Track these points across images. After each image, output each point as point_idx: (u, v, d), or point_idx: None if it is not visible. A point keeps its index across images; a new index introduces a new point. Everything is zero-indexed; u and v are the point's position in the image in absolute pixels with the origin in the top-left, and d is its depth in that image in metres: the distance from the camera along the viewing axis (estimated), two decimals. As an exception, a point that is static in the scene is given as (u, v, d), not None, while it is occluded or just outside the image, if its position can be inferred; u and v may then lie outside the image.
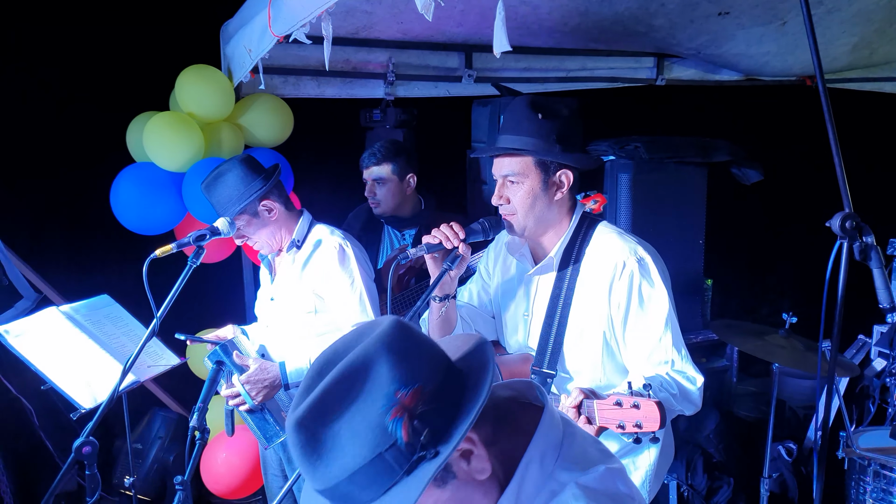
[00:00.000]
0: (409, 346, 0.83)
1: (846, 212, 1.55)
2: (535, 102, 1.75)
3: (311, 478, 0.82)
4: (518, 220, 1.77)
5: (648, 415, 1.41)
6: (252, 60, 2.50)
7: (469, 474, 0.85)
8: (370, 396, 0.79)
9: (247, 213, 2.25)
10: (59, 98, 3.25)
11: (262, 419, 2.26)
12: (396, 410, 0.78)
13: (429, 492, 0.82)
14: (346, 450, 0.79)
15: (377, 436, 0.78)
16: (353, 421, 0.79)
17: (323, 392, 0.80)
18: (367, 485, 0.80)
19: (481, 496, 0.87)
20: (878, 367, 3.21)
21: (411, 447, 0.79)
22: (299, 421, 0.80)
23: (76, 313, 2.42)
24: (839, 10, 2.84)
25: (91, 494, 2.11)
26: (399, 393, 0.78)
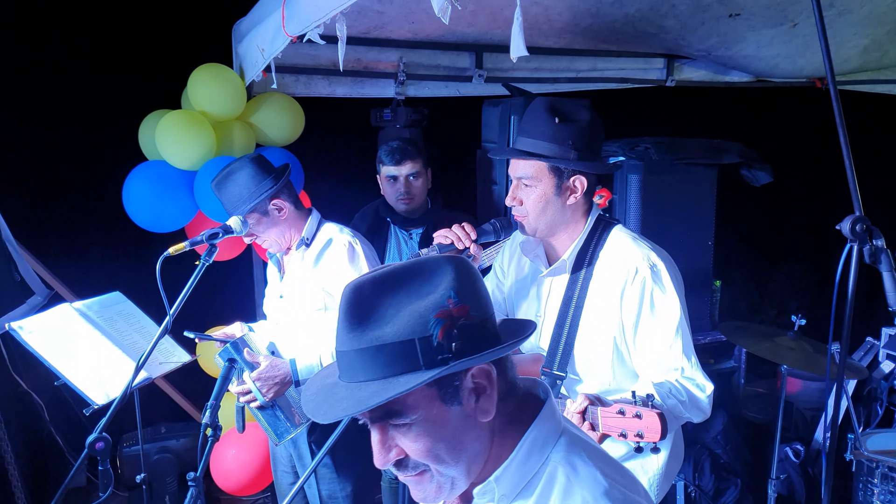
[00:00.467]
0: (472, 278, 0.92)
1: (857, 215, 1.56)
2: (552, 106, 1.73)
3: (343, 337, 0.89)
4: (529, 222, 1.78)
5: (650, 425, 1.43)
6: (265, 60, 2.51)
7: (473, 411, 0.91)
8: (426, 291, 0.88)
9: (257, 212, 2.27)
10: (71, 95, 3.26)
11: (272, 416, 2.28)
12: (442, 312, 0.86)
13: (434, 401, 0.89)
14: (387, 323, 0.86)
15: (418, 324, 0.86)
16: (404, 303, 0.88)
17: (388, 271, 0.90)
18: (388, 362, 0.86)
19: (472, 437, 0.92)
20: (886, 370, 3.21)
21: (440, 347, 0.86)
22: (359, 285, 0.90)
23: (88, 310, 2.43)
24: (850, 12, 2.84)
25: (104, 490, 2.13)
26: (450, 300, 0.87)
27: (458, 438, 0.91)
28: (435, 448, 0.90)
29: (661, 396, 1.59)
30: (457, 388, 0.89)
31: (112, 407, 2.02)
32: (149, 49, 3.27)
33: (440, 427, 0.90)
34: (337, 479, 2.39)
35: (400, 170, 2.77)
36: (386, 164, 2.79)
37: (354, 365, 0.89)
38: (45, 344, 2.25)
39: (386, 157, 2.79)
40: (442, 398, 0.89)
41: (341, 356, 0.91)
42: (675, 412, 1.61)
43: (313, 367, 2.23)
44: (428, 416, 0.89)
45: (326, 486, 2.39)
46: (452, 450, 0.91)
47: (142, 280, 2.47)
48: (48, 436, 3.21)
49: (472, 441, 0.92)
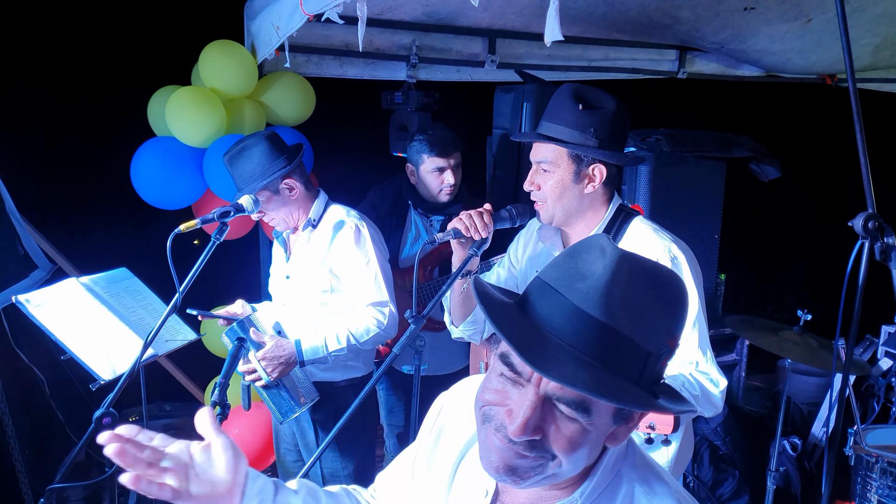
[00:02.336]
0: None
1: (869, 212, 1.56)
2: (577, 93, 1.70)
3: (593, 300, 0.78)
4: (547, 208, 1.76)
5: (663, 417, 1.44)
6: (280, 38, 2.49)
7: (611, 433, 0.87)
8: (678, 315, 0.83)
9: (268, 190, 2.26)
10: (81, 69, 3.22)
11: (277, 395, 2.29)
12: (672, 342, 0.82)
13: (609, 416, 0.84)
14: (644, 318, 0.79)
15: (658, 340, 0.80)
16: (663, 311, 0.82)
17: (664, 272, 0.84)
18: (618, 356, 0.78)
19: (592, 456, 0.87)
20: (885, 367, 3.25)
21: (651, 374, 0.81)
22: (651, 263, 0.84)
23: (95, 285, 2.42)
24: (864, 9, 2.84)
25: (110, 465, 2.13)
26: (677, 337, 0.82)
27: (591, 451, 0.86)
28: (580, 451, 0.83)
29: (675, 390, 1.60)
30: (630, 415, 0.85)
31: (120, 383, 2.02)
32: (160, 24, 3.22)
33: (597, 437, 0.85)
34: (340, 458, 2.40)
35: (449, 161, 2.67)
36: (433, 156, 2.65)
37: (572, 325, 0.78)
38: (51, 318, 2.23)
39: (434, 147, 2.65)
40: (615, 418, 0.84)
41: (566, 315, 0.79)
42: None
43: (318, 348, 2.24)
44: (598, 424, 0.83)
45: (329, 465, 2.41)
46: (584, 457, 0.85)
47: (146, 257, 2.46)
48: (48, 411, 3.20)
49: (592, 457, 0.88)
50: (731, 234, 3.22)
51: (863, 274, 1.54)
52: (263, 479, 0.99)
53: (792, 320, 2.53)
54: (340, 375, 2.42)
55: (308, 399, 2.31)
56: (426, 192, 2.78)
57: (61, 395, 3.22)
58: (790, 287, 4.27)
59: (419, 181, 2.77)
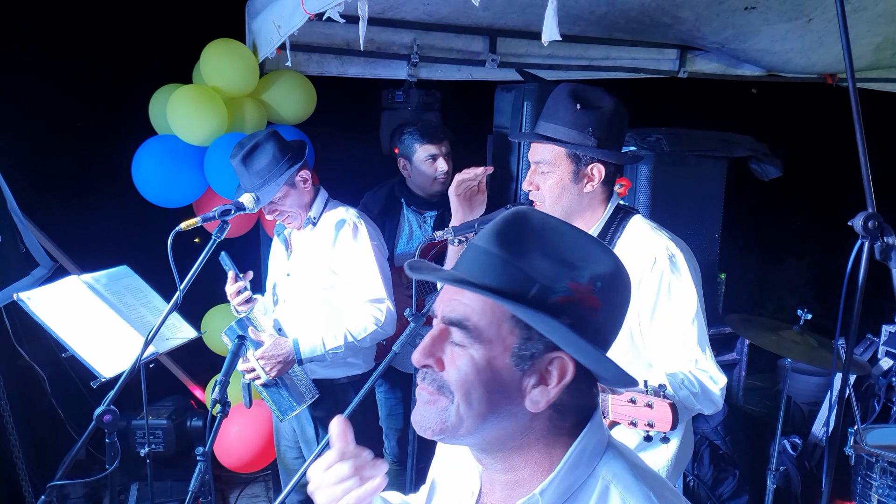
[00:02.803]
0: (624, 293, 0.94)
1: (869, 211, 1.57)
2: (574, 92, 1.71)
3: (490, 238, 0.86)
4: (545, 208, 1.76)
5: (661, 415, 1.42)
6: (281, 37, 2.49)
7: (526, 390, 0.86)
8: (581, 260, 0.85)
9: (287, 185, 2.28)
10: (82, 68, 3.23)
11: (276, 393, 2.30)
12: (576, 286, 0.84)
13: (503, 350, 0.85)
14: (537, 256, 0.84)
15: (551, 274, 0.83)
16: (557, 255, 0.85)
17: (569, 226, 0.89)
18: (503, 274, 0.83)
19: (510, 410, 0.86)
20: (885, 367, 3.25)
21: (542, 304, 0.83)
22: (528, 215, 0.88)
23: (96, 283, 2.42)
24: (865, 9, 2.84)
25: (111, 462, 2.14)
26: (592, 285, 0.85)
27: (496, 396, 0.84)
28: (468, 384, 0.84)
29: (674, 387, 1.59)
30: (530, 357, 0.84)
31: (121, 380, 2.02)
32: (162, 23, 3.23)
33: (489, 372, 0.84)
34: None
35: (440, 148, 2.76)
36: (424, 143, 2.75)
37: (468, 257, 0.87)
38: (52, 315, 2.24)
39: (424, 135, 2.75)
40: (512, 352, 0.84)
41: (472, 249, 0.87)
42: (686, 403, 1.60)
43: (316, 346, 2.25)
44: (486, 354, 0.84)
45: (329, 462, 2.41)
46: (482, 399, 0.84)
47: (147, 255, 2.46)
48: (49, 408, 3.21)
49: (507, 413, 0.86)
50: (731, 234, 3.22)
51: (863, 273, 1.54)
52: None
53: (792, 319, 2.53)
54: (341, 373, 2.43)
55: (307, 397, 2.31)
56: (421, 184, 2.82)
57: (62, 392, 3.23)
58: (791, 286, 4.27)
59: (413, 173, 2.82)
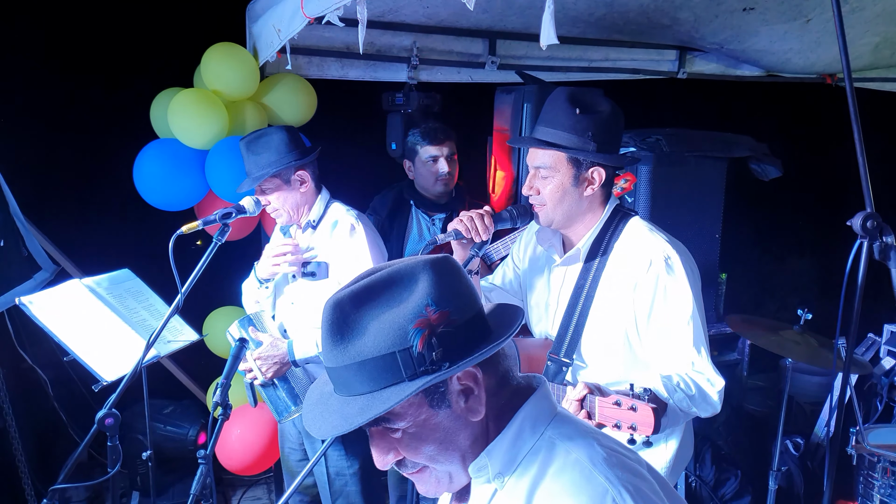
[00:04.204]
0: (452, 279, 0.91)
1: (868, 211, 1.57)
2: (573, 96, 1.72)
3: (328, 354, 0.90)
4: (546, 212, 1.77)
5: (644, 419, 1.44)
6: (281, 40, 2.50)
7: (463, 411, 0.92)
8: (404, 301, 0.87)
9: (279, 178, 2.29)
10: (84, 72, 3.24)
11: (273, 394, 2.32)
12: (421, 322, 0.86)
13: (422, 407, 0.90)
14: (368, 338, 0.87)
15: (397, 336, 0.86)
16: (383, 315, 0.87)
17: (366, 284, 0.89)
18: (372, 377, 0.87)
19: (464, 435, 0.93)
20: (887, 366, 3.24)
21: (422, 358, 0.85)
22: (337, 301, 0.89)
23: (98, 286, 2.43)
24: (863, 9, 2.84)
25: (112, 465, 2.14)
26: (429, 308, 0.86)
27: (449, 439, 0.93)
28: (427, 450, 0.92)
29: (668, 390, 1.59)
30: (443, 393, 0.90)
31: (122, 383, 2.03)
32: (162, 27, 3.24)
33: (431, 430, 0.91)
34: (345, 457, 2.41)
35: (442, 150, 2.78)
36: (425, 145, 2.78)
37: (342, 379, 0.90)
38: (54, 319, 2.25)
39: (426, 137, 2.79)
40: (430, 404, 0.90)
41: (329, 371, 0.92)
42: (681, 406, 1.60)
43: (309, 349, 2.26)
44: (417, 421, 0.90)
45: (334, 464, 2.42)
46: (445, 449, 0.93)
47: (149, 258, 2.47)
48: (52, 412, 3.21)
49: (464, 438, 0.94)
50: (732, 234, 3.22)
51: (862, 273, 1.54)
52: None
53: (793, 319, 2.53)
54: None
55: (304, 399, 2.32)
56: (424, 185, 2.85)
57: (64, 395, 3.24)
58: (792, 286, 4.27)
59: (416, 174, 2.86)
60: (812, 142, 4.12)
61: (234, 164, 2.72)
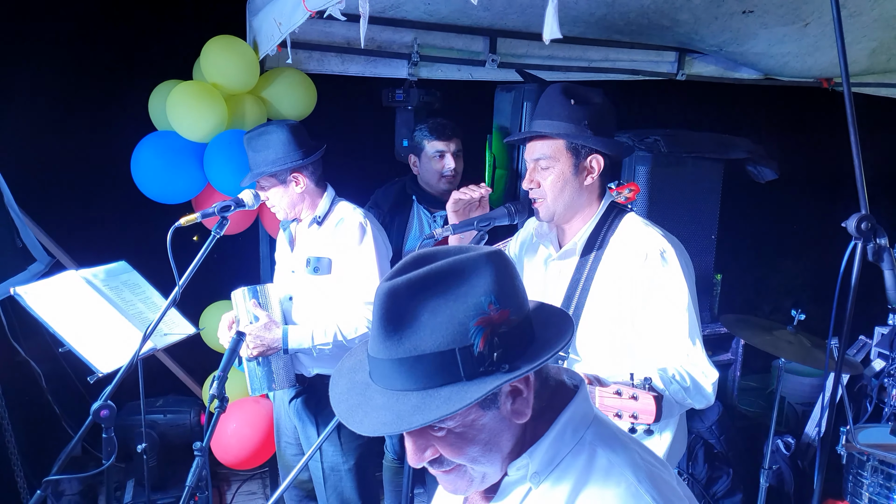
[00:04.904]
0: (511, 275, 0.87)
1: (862, 213, 1.59)
2: (567, 89, 1.77)
3: (379, 345, 0.84)
4: (547, 204, 1.79)
5: (645, 407, 1.45)
6: (282, 34, 2.49)
7: (509, 413, 0.89)
8: (465, 295, 0.82)
9: (275, 178, 2.30)
10: (83, 61, 3.22)
11: (253, 369, 2.34)
12: (483, 319, 0.81)
13: (471, 408, 0.85)
14: (426, 332, 0.81)
15: (457, 332, 0.81)
16: (441, 309, 0.82)
17: (424, 273, 0.83)
18: (427, 373, 0.82)
19: (507, 437, 0.91)
20: (877, 368, 3.28)
21: (482, 357, 0.81)
22: (393, 288, 0.83)
23: (94, 278, 2.42)
24: (861, 14, 2.87)
25: (107, 457, 2.13)
26: (491, 305, 0.81)
27: (493, 440, 0.90)
28: (470, 451, 0.89)
29: (664, 382, 1.61)
30: (495, 395, 0.87)
31: (118, 376, 2.02)
32: (162, 19, 3.23)
33: (476, 431, 0.88)
34: (341, 453, 2.41)
35: (449, 145, 2.78)
36: (433, 140, 2.78)
37: (391, 372, 0.84)
38: (49, 310, 2.24)
39: (433, 132, 2.78)
40: (480, 405, 0.87)
41: (375, 362, 0.86)
42: (676, 398, 1.62)
43: (304, 339, 2.27)
44: (465, 422, 0.87)
45: (329, 459, 2.42)
46: (488, 451, 0.90)
47: (146, 251, 2.46)
48: (46, 405, 3.20)
49: (507, 440, 0.91)
50: (727, 235, 3.25)
51: (855, 274, 1.56)
52: None
53: (787, 320, 2.56)
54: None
55: (280, 386, 2.35)
56: (428, 180, 2.84)
57: (58, 388, 3.22)
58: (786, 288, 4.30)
59: (421, 169, 2.86)
60: (808, 145, 4.16)
61: (232, 157, 2.71)
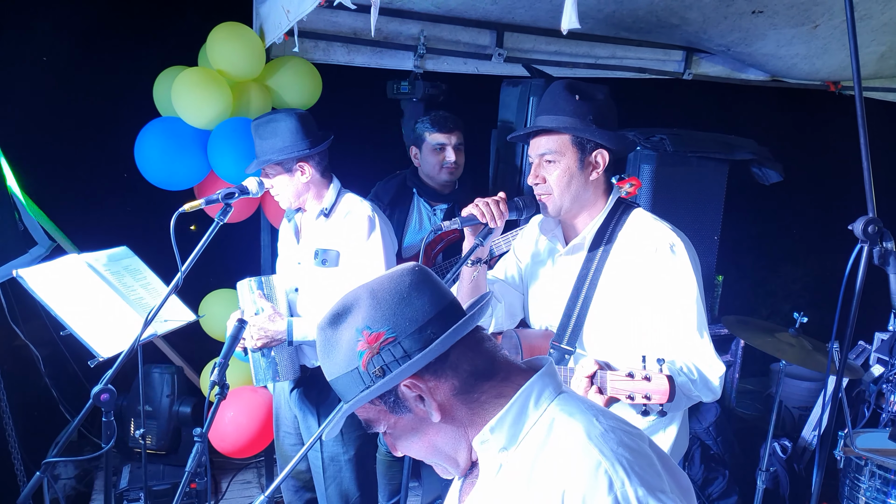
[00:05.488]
0: (393, 299, 1.01)
1: (870, 216, 1.58)
2: (571, 85, 1.77)
3: (325, 370, 1.05)
4: (554, 199, 1.78)
5: (658, 388, 1.46)
6: (290, 22, 2.48)
7: (423, 413, 1.01)
8: (351, 326, 1.01)
9: (281, 166, 2.29)
10: (88, 46, 3.21)
11: (258, 360, 2.34)
12: (361, 343, 0.99)
13: (385, 413, 1.03)
14: (338, 357, 1.01)
15: (350, 356, 1.00)
16: (343, 338, 1.01)
17: (334, 310, 1.04)
18: (346, 388, 1.02)
19: (437, 433, 1.02)
20: (876, 373, 3.28)
21: (367, 375, 0.99)
22: (320, 324, 1.05)
23: (96, 262, 2.41)
24: (871, 17, 2.86)
25: (107, 441, 2.13)
26: (365, 332, 0.99)
27: (423, 438, 1.03)
28: (410, 447, 1.05)
29: (672, 374, 1.61)
30: (397, 401, 1.01)
31: (119, 360, 2.02)
32: (169, 4, 3.21)
33: (405, 432, 1.03)
34: (341, 444, 2.41)
35: (450, 138, 2.77)
36: (434, 132, 2.77)
37: (337, 391, 1.05)
38: (51, 293, 2.23)
39: (435, 124, 2.77)
40: (390, 410, 1.02)
41: (331, 384, 1.06)
42: (683, 390, 1.62)
43: (308, 333, 2.27)
44: (389, 425, 1.04)
45: (329, 449, 2.42)
46: (424, 447, 1.04)
47: (147, 237, 2.46)
48: (44, 389, 3.20)
49: (438, 436, 1.02)
50: (730, 236, 3.24)
51: (861, 277, 1.56)
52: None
53: (787, 324, 2.55)
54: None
55: (284, 377, 2.35)
56: (429, 173, 2.84)
57: (57, 373, 3.22)
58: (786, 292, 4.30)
59: (422, 161, 2.84)
60: (813, 148, 4.15)
61: (236, 144, 2.70)
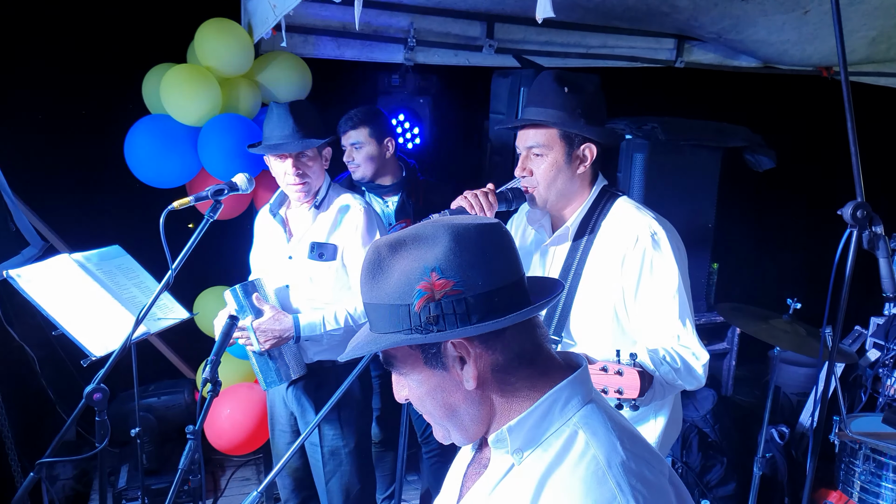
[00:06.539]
0: (472, 251, 0.93)
1: (858, 201, 1.58)
2: (560, 77, 1.76)
3: (363, 289, 0.98)
4: (540, 192, 1.78)
5: (630, 382, 1.48)
6: (276, 16, 2.47)
7: (459, 376, 0.96)
8: (419, 259, 0.92)
9: (319, 149, 2.30)
10: (75, 44, 3.18)
11: (266, 364, 2.32)
12: (425, 284, 0.91)
13: (417, 362, 0.97)
14: (389, 285, 0.94)
15: (405, 291, 0.92)
16: (402, 268, 0.93)
17: (402, 234, 0.96)
18: (385, 319, 0.95)
19: (462, 400, 0.97)
20: (872, 358, 3.29)
21: (417, 317, 0.92)
22: (377, 244, 0.97)
23: (88, 262, 2.41)
24: (861, 2, 2.84)
25: (100, 440, 2.13)
26: (434, 273, 0.91)
27: (445, 399, 0.97)
28: (423, 401, 0.99)
29: (655, 363, 1.61)
30: (436, 355, 0.95)
31: (111, 359, 2.02)
32: (156, 1, 3.19)
33: (426, 385, 0.97)
34: (340, 436, 2.41)
35: (346, 139, 2.79)
36: (340, 134, 2.81)
37: (370, 316, 0.98)
38: (43, 293, 2.23)
39: (338, 125, 2.81)
40: (425, 361, 0.96)
41: (364, 305, 0.99)
42: (667, 378, 1.62)
43: (316, 326, 2.26)
44: (413, 373, 0.98)
45: (329, 442, 2.42)
46: (440, 407, 0.98)
47: (139, 235, 2.44)
48: (39, 389, 3.19)
49: (462, 403, 0.97)
50: (724, 224, 3.24)
51: (850, 261, 1.56)
52: None
53: (783, 310, 2.55)
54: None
55: (294, 374, 2.34)
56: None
57: (52, 373, 3.21)
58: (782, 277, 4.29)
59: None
60: (806, 134, 4.14)
61: (226, 141, 2.69)
